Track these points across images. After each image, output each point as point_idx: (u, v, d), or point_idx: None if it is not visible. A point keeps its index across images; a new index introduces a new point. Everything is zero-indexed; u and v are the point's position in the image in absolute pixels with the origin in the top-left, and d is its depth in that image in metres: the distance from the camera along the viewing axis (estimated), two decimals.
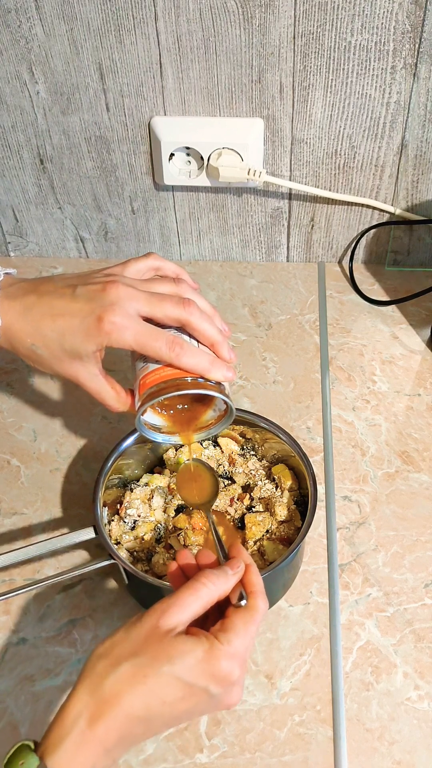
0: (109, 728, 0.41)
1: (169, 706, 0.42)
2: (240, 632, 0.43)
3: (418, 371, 0.85)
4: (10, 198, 0.97)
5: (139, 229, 0.99)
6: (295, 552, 0.59)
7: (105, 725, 0.40)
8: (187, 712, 0.43)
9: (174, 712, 0.42)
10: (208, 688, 0.42)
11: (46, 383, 0.85)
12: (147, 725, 0.42)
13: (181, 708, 0.42)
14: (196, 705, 0.43)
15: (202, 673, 0.42)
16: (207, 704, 0.43)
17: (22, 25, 0.80)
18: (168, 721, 0.43)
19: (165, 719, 0.42)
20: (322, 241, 0.99)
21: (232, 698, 0.44)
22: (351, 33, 0.78)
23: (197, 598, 0.44)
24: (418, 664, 0.60)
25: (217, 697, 0.43)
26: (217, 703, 0.44)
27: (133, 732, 0.41)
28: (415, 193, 0.92)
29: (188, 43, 0.80)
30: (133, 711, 0.41)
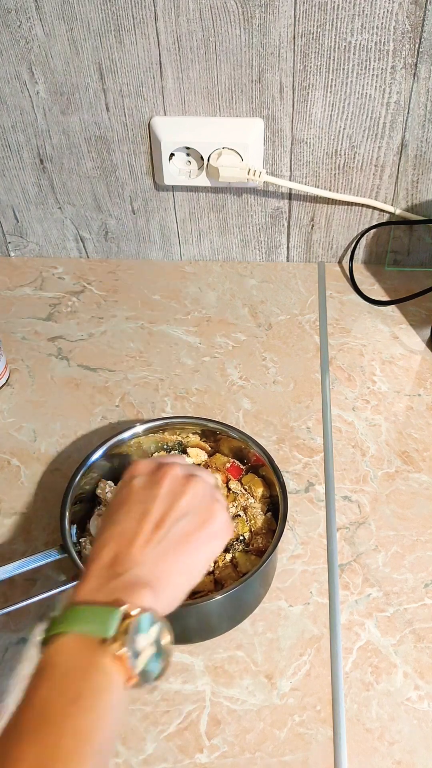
0: (86, 566, 0.44)
1: (107, 516, 0.47)
2: None
3: (418, 371, 0.85)
4: (10, 198, 0.97)
5: (140, 229, 0.99)
6: (266, 563, 0.58)
7: (82, 569, 0.44)
8: (119, 506, 0.47)
9: (114, 512, 0.47)
10: (117, 488, 0.50)
11: (46, 383, 0.85)
12: (110, 535, 0.45)
13: (115, 506, 0.47)
14: (118, 498, 0.48)
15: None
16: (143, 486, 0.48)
17: (22, 25, 0.80)
18: (117, 524, 0.46)
19: (114, 526, 0.46)
20: (322, 241, 0.99)
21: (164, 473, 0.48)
22: (351, 33, 0.78)
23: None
24: (418, 664, 0.60)
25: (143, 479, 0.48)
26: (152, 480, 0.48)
27: (108, 548, 0.44)
28: (415, 193, 0.92)
29: (188, 43, 0.80)
30: (94, 544, 0.46)
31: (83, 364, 0.87)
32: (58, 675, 0.38)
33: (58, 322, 0.94)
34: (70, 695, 0.37)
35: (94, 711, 0.37)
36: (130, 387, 0.84)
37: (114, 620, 0.39)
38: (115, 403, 0.83)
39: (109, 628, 0.39)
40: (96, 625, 0.39)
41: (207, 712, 0.57)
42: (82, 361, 0.88)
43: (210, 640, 0.61)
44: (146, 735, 0.56)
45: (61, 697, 0.37)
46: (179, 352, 0.89)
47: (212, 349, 0.89)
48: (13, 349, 0.89)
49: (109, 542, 0.45)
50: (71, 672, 0.38)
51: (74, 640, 0.39)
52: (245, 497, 0.67)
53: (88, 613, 0.40)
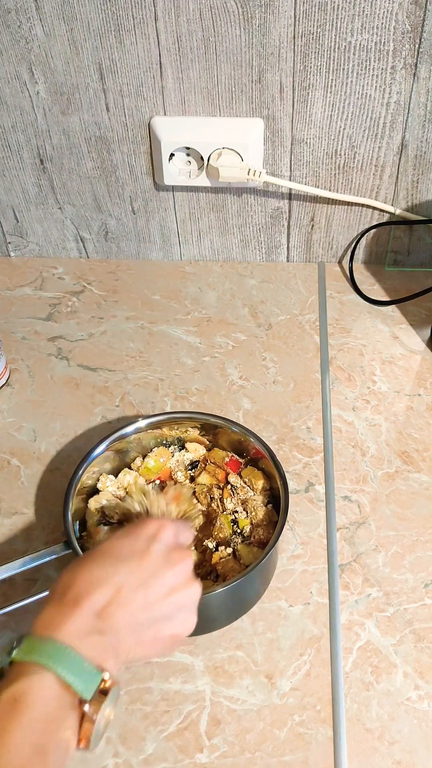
0: (78, 594, 0.45)
1: (114, 551, 0.49)
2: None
3: (418, 371, 0.85)
4: (10, 198, 0.97)
5: (140, 229, 0.99)
6: (268, 554, 0.59)
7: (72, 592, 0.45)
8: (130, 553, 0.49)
9: (123, 556, 0.48)
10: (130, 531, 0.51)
11: (46, 383, 0.85)
12: (107, 577, 0.46)
13: (127, 551, 0.49)
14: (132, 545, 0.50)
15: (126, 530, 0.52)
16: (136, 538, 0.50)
17: (22, 25, 0.80)
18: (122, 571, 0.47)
19: (119, 570, 0.47)
20: (322, 241, 0.99)
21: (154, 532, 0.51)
22: (351, 33, 0.78)
23: None
24: (418, 664, 0.60)
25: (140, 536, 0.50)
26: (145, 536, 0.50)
27: (103, 592, 0.45)
28: (415, 193, 0.92)
29: (188, 43, 0.80)
30: (86, 565, 0.47)
31: (83, 364, 0.87)
32: (34, 718, 0.39)
33: (58, 322, 0.94)
34: (37, 743, 0.38)
35: (54, 758, 0.39)
36: (130, 387, 0.84)
37: (95, 683, 0.41)
38: (115, 403, 0.83)
39: (90, 689, 0.41)
40: (81, 681, 0.41)
41: (207, 712, 0.57)
42: (82, 361, 0.88)
43: (210, 640, 0.61)
44: (146, 735, 0.56)
45: (29, 745, 0.38)
46: (179, 352, 0.89)
47: (212, 349, 0.89)
48: (13, 349, 0.89)
49: (105, 586, 0.46)
50: (47, 721, 0.39)
51: (55, 685, 0.40)
52: (245, 490, 0.67)
53: (76, 664, 0.41)
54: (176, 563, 0.49)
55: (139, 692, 0.58)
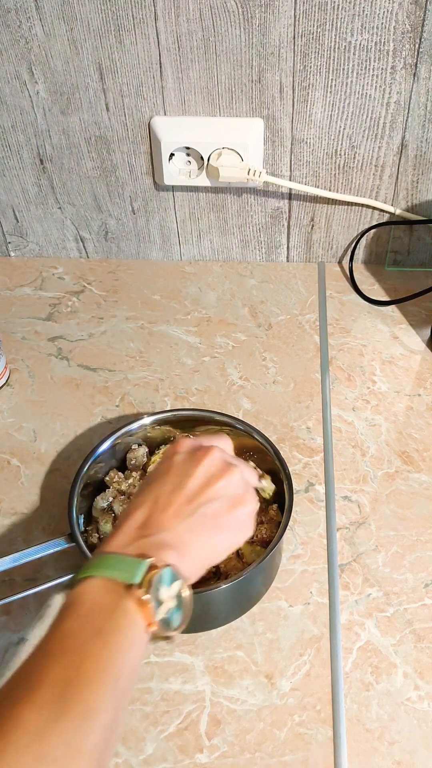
0: (118, 523, 0.47)
1: (144, 483, 0.52)
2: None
3: (418, 371, 0.85)
4: (10, 198, 0.97)
5: (140, 229, 0.99)
6: (271, 552, 0.59)
7: (115, 526, 0.48)
8: (157, 477, 0.51)
9: (151, 481, 0.51)
10: (157, 463, 0.54)
11: (46, 383, 0.85)
12: (146, 496, 0.49)
13: (153, 476, 0.51)
14: (157, 471, 0.52)
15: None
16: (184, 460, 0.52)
17: (22, 25, 0.80)
18: (154, 490, 0.49)
19: (151, 491, 0.49)
20: (322, 241, 0.99)
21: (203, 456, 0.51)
22: (351, 33, 0.78)
23: None
24: (418, 664, 0.60)
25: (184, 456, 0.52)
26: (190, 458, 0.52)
27: (142, 509, 0.47)
28: (415, 193, 0.92)
29: (188, 43, 0.80)
30: (131, 502, 0.50)
31: (83, 364, 0.88)
32: (84, 611, 0.41)
33: (58, 322, 0.94)
34: (93, 628, 0.40)
35: (115, 645, 0.39)
36: (130, 387, 0.84)
37: (141, 569, 0.42)
38: (115, 403, 0.83)
39: (136, 576, 0.41)
40: (123, 572, 0.42)
41: (207, 712, 0.57)
42: (82, 361, 0.88)
43: (210, 640, 0.61)
44: (146, 735, 0.56)
45: (85, 629, 0.40)
46: (179, 352, 0.89)
47: (212, 349, 0.89)
48: (13, 349, 0.89)
49: (142, 506, 0.48)
50: (96, 609, 0.41)
51: (101, 582, 0.42)
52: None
53: (117, 561, 0.43)
54: (201, 458, 0.51)
55: (139, 692, 0.58)
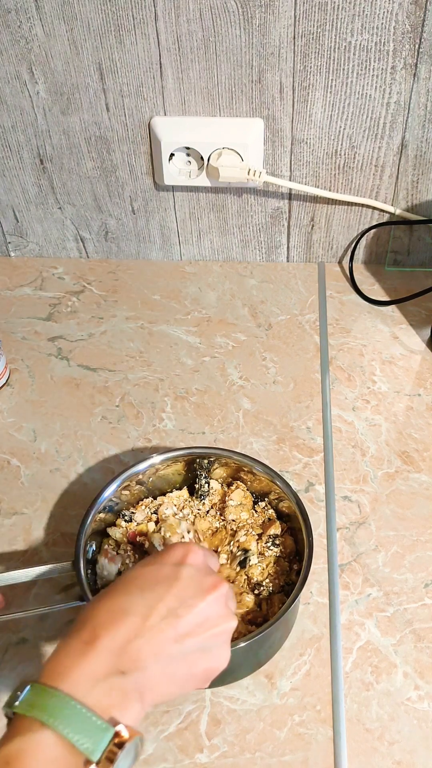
0: (97, 627, 0.40)
1: (140, 580, 0.44)
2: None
3: (418, 371, 0.86)
4: (10, 198, 0.97)
5: (140, 229, 0.99)
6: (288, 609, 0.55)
7: (90, 626, 0.40)
8: (156, 580, 0.44)
9: (148, 584, 0.44)
10: (155, 558, 0.46)
11: (46, 383, 0.85)
12: (133, 606, 0.42)
13: (152, 578, 0.44)
14: (158, 571, 0.45)
15: (151, 557, 0.47)
16: (168, 573, 0.45)
17: (22, 25, 0.80)
18: (148, 599, 0.43)
19: (144, 598, 0.43)
20: (322, 241, 0.99)
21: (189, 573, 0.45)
22: (351, 33, 0.78)
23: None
24: (418, 664, 0.60)
25: (171, 566, 0.45)
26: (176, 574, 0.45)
27: (126, 624, 0.41)
28: (415, 193, 0.92)
29: (188, 43, 0.80)
30: (110, 594, 0.43)
31: (83, 364, 0.88)
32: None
33: (58, 322, 0.94)
34: None
35: None
36: (130, 387, 0.84)
37: (105, 742, 0.37)
38: (115, 403, 0.83)
39: (99, 750, 0.36)
40: (87, 739, 0.36)
41: (207, 712, 0.57)
42: (82, 361, 0.88)
43: None
44: (146, 735, 0.56)
45: None
46: (179, 352, 0.89)
47: (212, 349, 0.89)
48: (13, 349, 0.89)
49: (130, 617, 0.41)
50: None
51: (56, 745, 0.36)
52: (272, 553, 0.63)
53: (82, 719, 0.37)
54: (210, 590, 0.44)
55: None
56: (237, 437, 0.78)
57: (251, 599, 0.59)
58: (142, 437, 0.79)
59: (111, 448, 0.78)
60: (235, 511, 0.65)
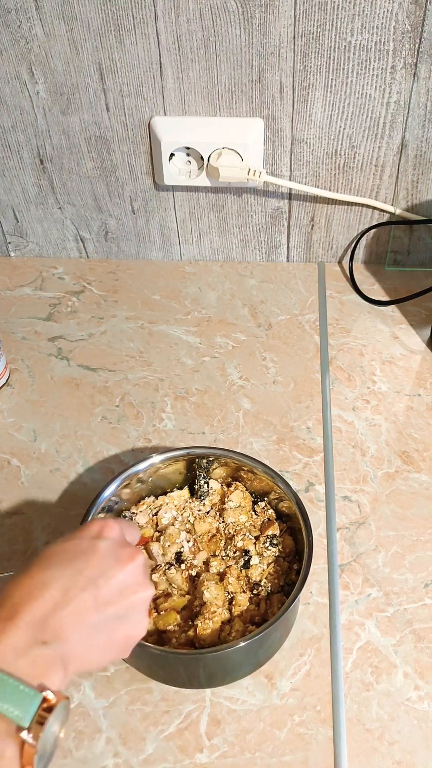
0: (17, 603, 0.41)
1: (58, 555, 0.45)
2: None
3: (418, 371, 0.85)
4: (10, 198, 0.97)
5: (140, 229, 0.99)
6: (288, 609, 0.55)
7: (9, 603, 0.41)
8: (74, 554, 0.45)
9: (67, 558, 0.45)
10: (73, 534, 0.48)
11: (46, 383, 0.85)
12: (52, 579, 0.43)
13: (71, 552, 0.45)
14: (76, 546, 0.46)
15: (69, 534, 0.48)
16: (87, 547, 0.46)
17: (22, 25, 0.80)
18: (68, 571, 0.44)
19: (64, 570, 0.44)
20: (322, 241, 0.99)
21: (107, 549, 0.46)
22: (351, 33, 0.78)
23: None
24: (418, 664, 0.60)
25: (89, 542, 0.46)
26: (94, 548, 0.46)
27: (46, 597, 0.42)
28: (415, 193, 0.92)
29: (188, 43, 0.80)
30: (28, 572, 0.43)
31: (83, 364, 0.88)
32: None
33: (58, 322, 0.94)
34: None
35: None
36: (130, 387, 0.84)
37: (33, 708, 0.38)
38: (115, 403, 0.83)
39: (26, 715, 0.37)
40: (15, 707, 0.37)
41: (207, 712, 0.57)
42: (82, 361, 0.88)
43: None
44: (146, 735, 0.56)
45: None
46: (179, 352, 0.89)
47: (212, 349, 0.89)
48: (13, 349, 0.89)
49: (50, 589, 0.42)
50: None
51: None
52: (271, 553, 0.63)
53: (9, 689, 0.38)
54: (127, 561, 0.46)
55: (139, 692, 0.58)
56: (237, 437, 0.78)
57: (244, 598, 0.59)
58: (142, 437, 0.79)
59: (111, 448, 0.78)
60: (234, 513, 0.65)
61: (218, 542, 0.64)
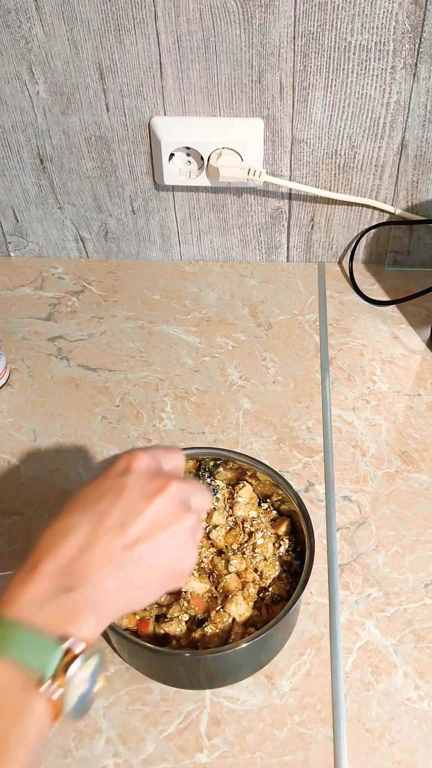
0: (39, 552, 0.40)
1: (83, 498, 0.43)
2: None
3: (418, 371, 0.85)
4: (10, 198, 0.97)
5: (140, 229, 0.99)
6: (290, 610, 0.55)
7: (34, 554, 0.40)
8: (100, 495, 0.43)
9: (91, 500, 0.42)
10: (100, 474, 0.45)
11: (46, 383, 0.85)
12: (75, 524, 0.41)
13: (96, 493, 0.43)
14: (101, 485, 0.43)
15: (96, 474, 0.45)
16: (118, 487, 0.43)
17: (22, 25, 0.80)
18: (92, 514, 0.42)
19: (88, 514, 0.42)
20: (322, 241, 0.99)
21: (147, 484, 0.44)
22: (351, 33, 0.78)
23: None
24: (418, 664, 0.60)
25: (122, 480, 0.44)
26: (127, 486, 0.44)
27: (69, 542, 0.40)
28: (415, 193, 0.92)
29: (188, 43, 0.80)
30: (54, 520, 0.42)
31: (83, 364, 0.88)
32: None
33: (58, 322, 0.94)
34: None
35: (17, 752, 0.35)
36: (130, 387, 0.84)
37: (56, 658, 0.36)
38: (115, 403, 0.83)
39: (50, 667, 0.36)
40: (36, 658, 0.36)
41: (207, 712, 0.57)
42: (82, 361, 0.88)
43: None
44: (146, 735, 0.56)
45: None
46: (179, 352, 0.89)
47: (212, 349, 0.89)
48: (13, 349, 0.89)
49: (74, 535, 0.41)
50: (1, 710, 0.35)
51: (8, 669, 0.36)
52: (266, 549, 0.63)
53: (29, 642, 0.36)
54: (157, 492, 0.43)
55: (139, 692, 0.58)
56: (237, 437, 0.78)
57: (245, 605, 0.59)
58: (142, 437, 0.79)
59: (111, 448, 0.78)
60: (245, 508, 0.66)
61: (237, 536, 0.64)
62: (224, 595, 0.60)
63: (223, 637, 0.57)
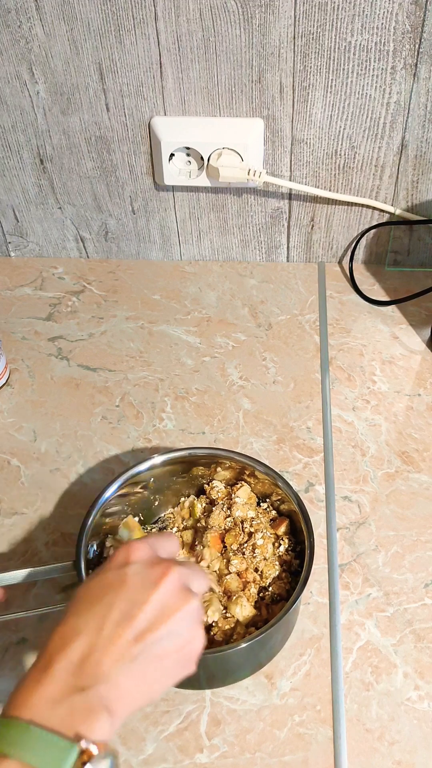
0: (51, 653, 0.40)
1: (87, 595, 0.43)
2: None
3: (418, 371, 0.86)
4: (10, 198, 0.97)
5: (140, 229, 0.99)
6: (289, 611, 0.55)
7: (45, 654, 0.40)
8: (102, 591, 0.43)
9: (96, 596, 0.43)
10: (99, 569, 0.45)
11: (46, 383, 0.85)
12: (84, 622, 0.41)
13: (98, 589, 0.43)
14: (103, 581, 0.44)
15: (96, 570, 0.46)
16: (120, 581, 0.43)
17: (22, 25, 0.80)
18: (98, 610, 0.42)
19: (93, 610, 0.42)
20: (322, 241, 0.99)
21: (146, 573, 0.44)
22: (351, 33, 0.78)
23: None
24: (418, 664, 0.60)
25: (125, 573, 0.44)
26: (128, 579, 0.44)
27: (79, 642, 0.40)
28: (415, 193, 0.92)
29: (188, 43, 0.80)
30: (63, 620, 0.42)
31: (83, 364, 0.88)
32: None
33: (58, 322, 0.94)
34: None
35: None
36: (130, 387, 0.85)
37: (69, 762, 0.36)
38: (115, 403, 0.83)
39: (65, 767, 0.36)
40: (49, 762, 0.35)
41: (207, 712, 0.57)
42: (82, 361, 0.88)
43: None
44: (146, 735, 0.56)
45: None
46: (179, 352, 0.89)
47: (212, 349, 0.89)
48: (13, 349, 0.89)
49: (82, 635, 0.40)
50: None
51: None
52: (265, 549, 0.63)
53: (43, 744, 0.36)
54: (160, 579, 0.43)
55: None
56: (237, 437, 0.78)
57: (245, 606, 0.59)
58: (142, 437, 0.79)
59: (111, 448, 0.78)
60: (243, 508, 0.65)
61: (237, 537, 0.64)
62: (226, 596, 0.60)
63: (225, 637, 0.57)
